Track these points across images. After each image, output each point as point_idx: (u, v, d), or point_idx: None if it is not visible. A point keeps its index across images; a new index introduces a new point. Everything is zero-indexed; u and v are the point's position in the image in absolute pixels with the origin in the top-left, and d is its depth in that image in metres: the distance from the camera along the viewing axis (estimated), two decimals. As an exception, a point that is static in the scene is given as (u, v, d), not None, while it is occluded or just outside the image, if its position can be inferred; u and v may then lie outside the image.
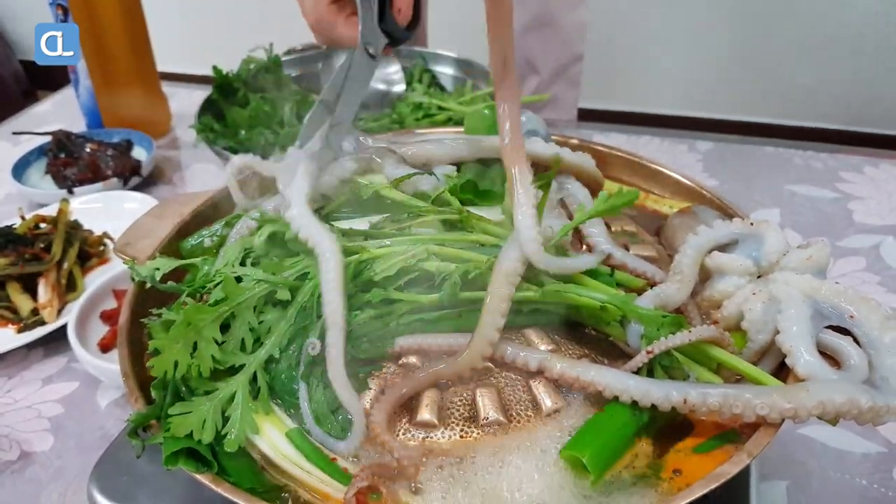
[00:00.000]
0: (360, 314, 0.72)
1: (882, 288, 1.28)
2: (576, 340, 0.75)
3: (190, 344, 0.68)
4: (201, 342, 0.68)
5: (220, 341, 0.69)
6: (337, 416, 0.67)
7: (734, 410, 0.63)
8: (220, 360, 0.69)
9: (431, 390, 0.69)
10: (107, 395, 1.12)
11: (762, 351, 0.72)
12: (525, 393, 0.70)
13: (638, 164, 1.06)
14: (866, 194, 1.54)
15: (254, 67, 1.70)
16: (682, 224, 0.86)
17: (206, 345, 0.68)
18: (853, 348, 0.69)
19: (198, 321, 0.68)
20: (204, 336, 0.68)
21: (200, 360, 0.67)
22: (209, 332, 0.68)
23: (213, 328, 0.69)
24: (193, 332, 0.68)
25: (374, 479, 0.61)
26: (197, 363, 0.67)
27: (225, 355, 0.69)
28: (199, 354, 0.68)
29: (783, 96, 3.21)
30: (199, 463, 0.63)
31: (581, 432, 0.65)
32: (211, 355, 0.68)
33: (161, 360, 0.66)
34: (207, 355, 0.68)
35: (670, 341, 0.67)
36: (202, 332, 0.68)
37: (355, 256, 0.73)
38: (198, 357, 0.67)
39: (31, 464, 1.02)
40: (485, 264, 0.73)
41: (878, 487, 0.94)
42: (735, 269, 0.76)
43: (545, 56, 1.94)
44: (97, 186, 1.56)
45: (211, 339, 0.68)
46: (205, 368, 0.67)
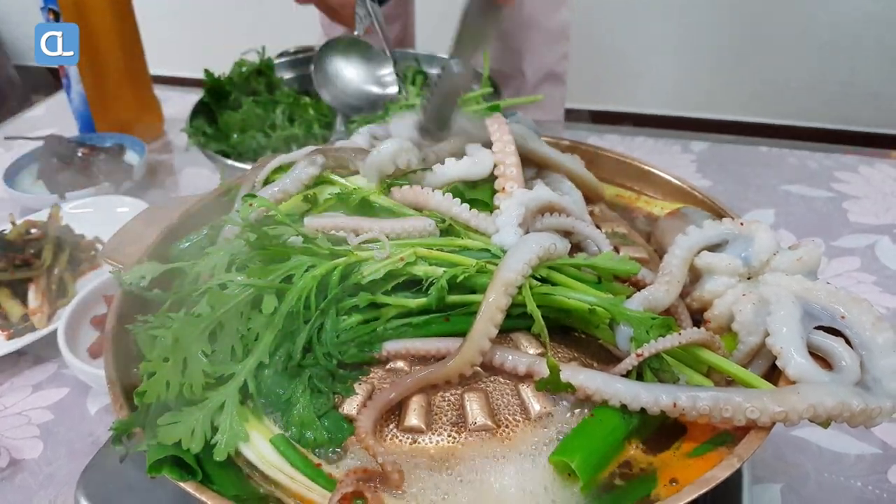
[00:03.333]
0: (347, 318, 0.72)
1: (877, 288, 1.27)
2: (565, 344, 0.74)
3: (180, 361, 0.67)
4: (191, 359, 0.67)
5: (208, 353, 0.68)
6: (323, 422, 0.66)
7: (724, 414, 0.63)
8: (210, 374, 0.68)
9: (419, 395, 0.69)
10: (97, 401, 1.12)
11: (753, 352, 0.72)
12: (514, 397, 0.69)
13: (629, 165, 1.05)
14: (861, 194, 1.54)
15: (246, 70, 1.69)
16: (673, 225, 0.86)
17: (196, 361, 0.67)
18: (845, 350, 0.68)
19: (186, 336, 0.67)
20: (193, 352, 0.67)
21: (192, 378, 0.66)
22: (198, 347, 0.68)
23: (201, 341, 0.68)
24: (182, 349, 0.67)
25: (359, 485, 0.60)
26: (189, 382, 0.66)
27: (215, 367, 0.68)
28: (190, 372, 0.67)
29: (778, 96, 3.21)
30: (183, 471, 0.62)
31: (570, 437, 0.64)
32: (202, 370, 0.67)
33: (153, 384, 0.65)
34: (198, 372, 0.67)
35: (660, 344, 0.66)
36: (191, 348, 0.67)
37: (343, 259, 0.73)
38: (188, 375, 0.66)
39: (21, 471, 1.01)
40: (473, 268, 0.72)
41: (872, 489, 0.94)
42: (724, 268, 0.76)
43: (530, 58, 1.97)
44: (89, 191, 1.55)
45: (200, 353, 0.68)
46: (196, 386, 0.66)
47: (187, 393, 0.66)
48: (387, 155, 0.81)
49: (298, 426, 0.67)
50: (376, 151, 0.82)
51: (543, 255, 0.72)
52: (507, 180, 0.82)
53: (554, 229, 0.81)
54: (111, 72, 1.73)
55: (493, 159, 0.85)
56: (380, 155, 0.81)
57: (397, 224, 0.76)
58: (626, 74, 3.32)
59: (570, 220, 0.82)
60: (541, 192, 0.82)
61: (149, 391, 0.65)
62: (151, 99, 1.87)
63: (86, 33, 1.62)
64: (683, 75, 3.27)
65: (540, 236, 0.74)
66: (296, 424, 0.67)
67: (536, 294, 0.70)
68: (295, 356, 0.69)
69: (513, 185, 0.82)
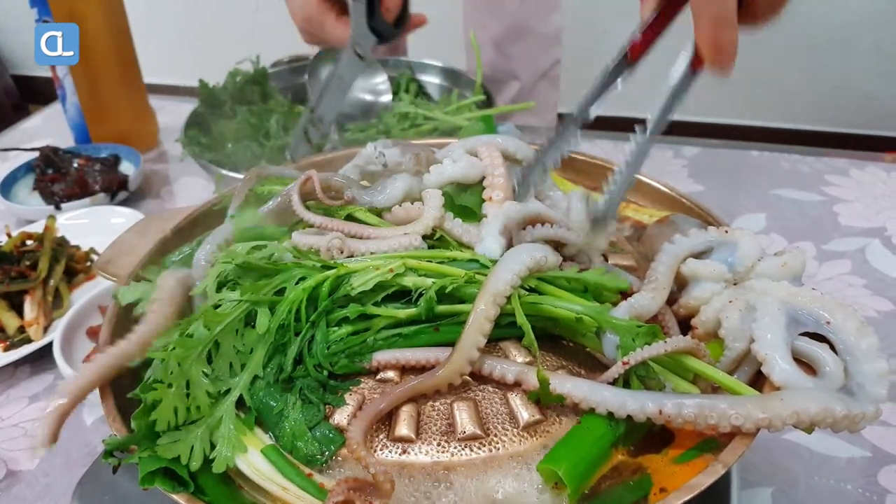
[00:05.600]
0: (337, 330, 0.73)
1: (868, 291, 1.28)
2: (553, 352, 0.75)
3: (183, 385, 0.67)
4: (193, 383, 0.68)
5: (209, 374, 0.69)
6: (314, 433, 0.67)
7: (709, 421, 0.63)
8: (213, 393, 0.68)
9: (409, 405, 0.69)
10: (93, 411, 1.12)
11: (740, 359, 0.72)
12: (502, 406, 0.70)
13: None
14: (852, 197, 1.55)
15: (240, 80, 1.70)
16: (660, 233, 0.86)
17: (199, 382, 0.68)
18: (829, 355, 0.69)
19: (186, 360, 0.68)
20: (194, 375, 0.68)
21: (197, 401, 0.67)
22: (198, 369, 0.68)
23: (201, 363, 0.69)
24: (184, 373, 0.68)
25: (350, 494, 0.60)
26: (195, 404, 0.67)
27: (215, 384, 0.69)
28: (194, 395, 0.67)
29: (771, 99, 3.22)
30: (175, 482, 0.63)
31: (557, 445, 0.65)
32: (206, 391, 0.68)
33: (162, 412, 0.66)
34: (202, 393, 0.68)
35: (646, 352, 0.67)
36: (191, 370, 0.68)
37: (332, 271, 0.74)
38: (192, 399, 0.67)
39: (18, 482, 1.02)
40: (462, 278, 0.73)
41: (863, 492, 0.94)
42: (709, 274, 0.77)
43: (524, 63, 1.98)
44: (85, 202, 1.56)
45: (201, 374, 0.68)
46: (204, 407, 0.67)
47: (195, 414, 0.67)
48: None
49: (290, 438, 0.67)
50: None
51: (534, 266, 0.73)
52: (494, 189, 0.83)
53: (544, 240, 0.82)
54: (106, 82, 1.74)
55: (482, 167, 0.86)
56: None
57: (383, 244, 0.77)
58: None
59: (560, 230, 0.83)
60: (527, 203, 0.83)
61: (159, 420, 0.65)
62: (146, 109, 1.88)
63: (81, 44, 1.63)
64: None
65: (531, 247, 0.75)
66: (287, 436, 0.67)
67: (524, 303, 0.71)
68: (286, 368, 0.70)
69: (499, 194, 0.83)
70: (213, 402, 0.68)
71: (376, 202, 0.85)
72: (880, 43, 2.94)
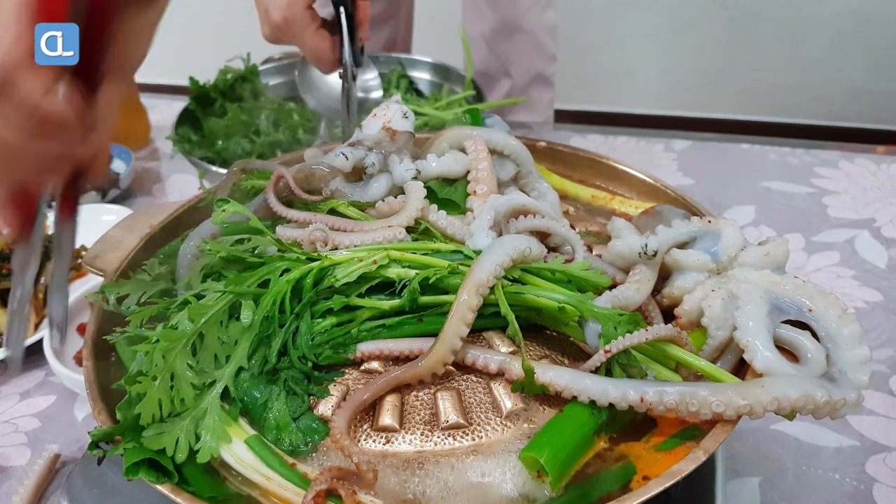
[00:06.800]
0: (321, 321, 0.73)
1: (856, 282, 1.28)
2: (537, 341, 0.75)
3: (167, 378, 0.67)
4: (177, 375, 0.68)
5: (193, 365, 0.69)
6: (298, 424, 0.67)
7: (690, 408, 0.64)
8: (198, 385, 0.69)
9: (392, 395, 0.70)
10: (84, 407, 1.12)
11: (722, 347, 0.73)
12: (486, 395, 0.70)
13: (604, 166, 1.06)
14: (841, 189, 1.55)
15: (231, 77, 1.70)
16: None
17: (183, 375, 0.68)
18: (810, 342, 0.69)
19: (170, 352, 0.68)
20: (178, 367, 0.68)
21: (182, 393, 0.67)
22: (183, 360, 0.69)
23: (185, 354, 0.69)
24: (169, 365, 0.68)
25: (333, 483, 0.61)
26: (180, 396, 0.67)
27: (200, 376, 0.69)
28: (178, 387, 0.67)
29: (764, 93, 3.23)
30: (159, 473, 0.63)
31: (540, 434, 0.65)
32: (191, 383, 0.68)
33: (147, 405, 0.66)
34: (187, 384, 0.68)
35: (627, 340, 0.67)
36: (175, 363, 0.68)
37: (316, 263, 0.74)
38: (177, 391, 0.67)
39: (9, 478, 1.02)
40: (445, 270, 0.73)
41: (850, 481, 0.95)
42: (692, 264, 0.77)
43: (518, 60, 1.96)
44: (76, 200, 1.55)
45: (185, 366, 0.68)
46: (188, 398, 0.67)
47: (179, 407, 0.67)
48: None
49: (274, 428, 0.68)
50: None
51: (517, 256, 0.73)
52: (478, 183, 0.83)
53: (529, 231, 0.82)
54: (97, 80, 1.74)
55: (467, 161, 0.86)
56: None
57: (367, 236, 0.77)
58: (610, 74, 3.33)
59: (544, 221, 0.83)
60: (513, 195, 0.83)
61: (143, 413, 0.66)
62: (138, 107, 1.88)
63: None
64: (670, 75, 3.29)
65: (515, 238, 0.75)
66: (272, 427, 0.68)
67: (507, 293, 0.71)
68: (271, 360, 0.70)
69: (483, 188, 0.83)
70: (198, 394, 0.68)
71: (360, 197, 0.85)
72: (870, 36, 2.95)
